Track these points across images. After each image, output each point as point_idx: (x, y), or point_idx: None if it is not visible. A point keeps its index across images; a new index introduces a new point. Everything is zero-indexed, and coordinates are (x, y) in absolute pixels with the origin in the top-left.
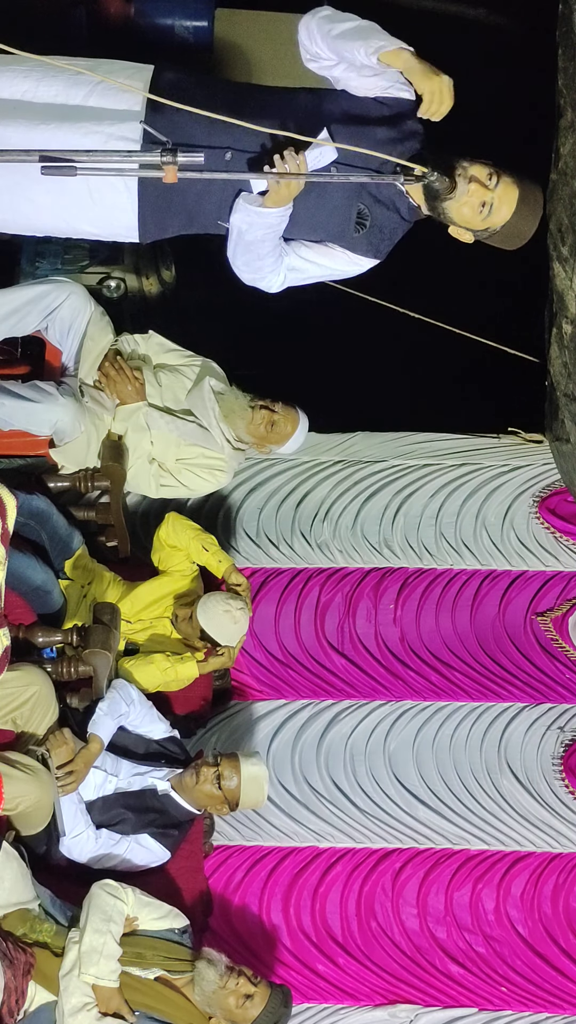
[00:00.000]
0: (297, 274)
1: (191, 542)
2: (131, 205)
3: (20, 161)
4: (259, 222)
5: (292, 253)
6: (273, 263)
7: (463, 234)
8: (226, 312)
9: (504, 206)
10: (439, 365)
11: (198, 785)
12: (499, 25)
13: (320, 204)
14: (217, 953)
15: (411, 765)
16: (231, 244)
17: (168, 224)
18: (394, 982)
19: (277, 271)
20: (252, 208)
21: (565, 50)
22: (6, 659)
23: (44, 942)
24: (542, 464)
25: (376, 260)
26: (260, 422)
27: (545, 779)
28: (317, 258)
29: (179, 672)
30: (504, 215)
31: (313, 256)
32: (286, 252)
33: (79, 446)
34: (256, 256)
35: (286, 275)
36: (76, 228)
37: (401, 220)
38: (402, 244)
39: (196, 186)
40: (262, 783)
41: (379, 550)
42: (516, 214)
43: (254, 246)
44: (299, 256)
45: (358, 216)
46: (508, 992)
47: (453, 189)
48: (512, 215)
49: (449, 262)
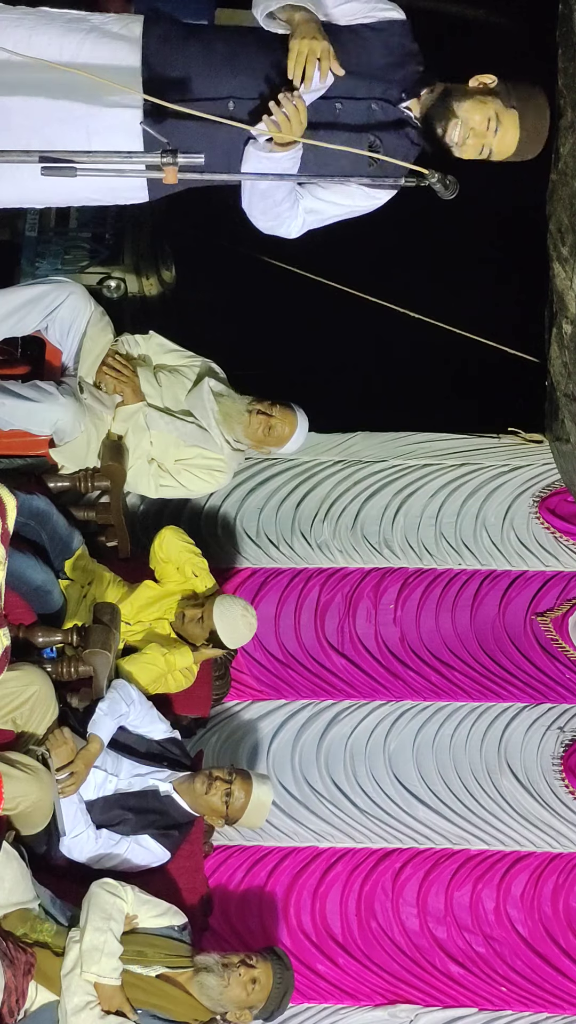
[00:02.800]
0: (315, 216)
1: (183, 565)
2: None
3: (20, 161)
4: (271, 167)
5: (308, 195)
6: (290, 208)
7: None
8: (226, 312)
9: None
10: (439, 365)
11: (207, 795)
12: (499, 25)
13: (331, 140)
14: (208, 956)
15: (411, 765)
16: (246, 195)
17: None
18: (394, 982)
19: (295, 215)
20: (262, 154)
21: (565, 50)
22: (6, 659)
23: (44, 942)
24: (542, 464)
25: (392, 191)
26: (257, 426)
27: (545, 779)
28: (334, 197)
29: (174, 661)
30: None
31: (330, 196)
32: (301, 195)
33: (79, 446)
34: (272, 203)
35: (304, 218)
36: (80, 195)
37: (412, 145)
38: (403, 244)
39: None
40: (266, 810)
41: (379, 550)
42: (523, 127)
43: (269, 192)
44: (315, 197)
45: (370, 148)
46: (508, 992)
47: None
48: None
49: (449, 262)
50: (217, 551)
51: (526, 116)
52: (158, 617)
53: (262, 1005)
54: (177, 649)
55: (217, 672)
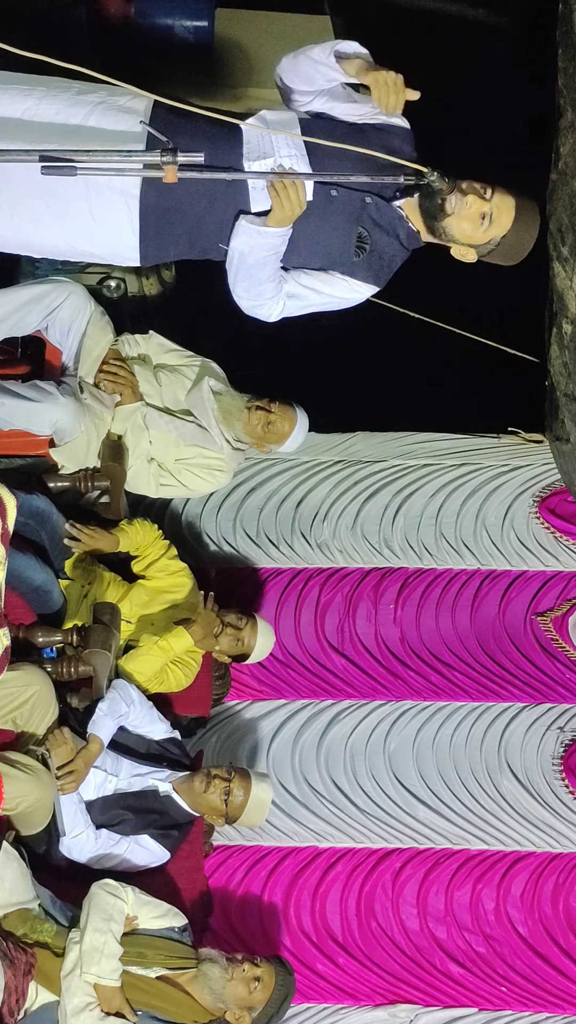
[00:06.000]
0: (296, 301)
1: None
2: (132, 226)
3: (20, 161)
4: (261, 243)
5: (292, 280)
6: (273, 289)
7: (466, 253)
8: (226, 312)
9: (503, 215)
10: (439, 365)
11: (205, 793)
12: (499, 25)
13: (320, 226)
14: (213, 950)
15: (411, 765)
16: (231, 270)
17: (169, 246)
18: (394, 982)
19: (276, 298)
20: (253, 228)
21: (565, 50)
22: (6, 659)
23: (44, 942)
24: (542, 464)
25: (375, 287)
26: (257, 423)
27: (545, 779)
28: (317, 285)
29: (169, 645)
30: (505, 224)
31: (312, 283)
32: (285, 279)
33: (79, 446)
34: (256, 281)
35: (285, 303)
36: (77, 249)
37: (400, 247)
38: None
39: (197, 207)
40: (266, 808)
41: (379, 550)
42: (516, 223)
43: (255, 270)
44: (298, 283)
45: (358, 239)
46: (508, 992)
47: (453, 190)
48: (512, 224)
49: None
50: (217, 551)
51: (520, 215)
52: (159, 611)
53: (262, 1007)
54: (171, 633)
55: (217, 672)
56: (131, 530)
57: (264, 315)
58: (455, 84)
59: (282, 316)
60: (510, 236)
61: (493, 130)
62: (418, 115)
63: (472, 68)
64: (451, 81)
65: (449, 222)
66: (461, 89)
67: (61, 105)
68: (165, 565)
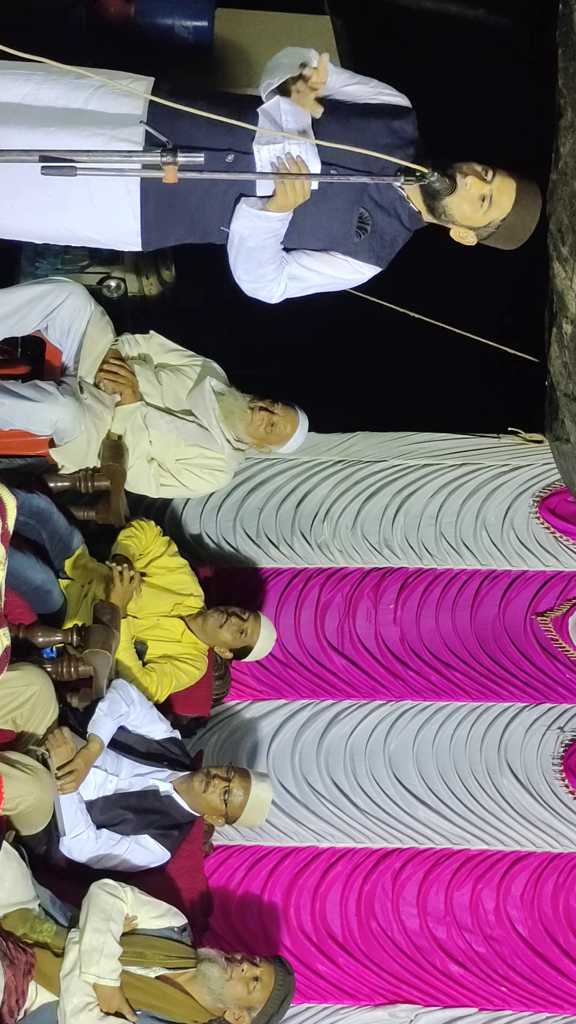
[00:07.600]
0: (298, 283)
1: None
2: (133, 211)
3: (20, 161)
4: (261, 227)
5: (293, 262)
6: (274, 271)
7: (466, 236)
8: (226, 312)
9: (504, 198)
10: (439, 365)
11: (205, 793)
12: (499, 25)
13: (321, 208)
14: (212, 950)
15: (411, 765)
16: (232, 252)
17: (170, 231)
18: (394, 982)
19: (278, 280)
20: (254, 212)
21: (565, 50)
22: (6, 659)
23: (44, 942)
24: (542, 464)
25: (377, 268)
26: (259, 423)
27: (545, 779)
28: (318, 266)
29: (189, 672)
30: (505, 207)
31: (314, 264)
32: (287, 261)
33: (79, 446)
34: (257, 263)
35: (287, 284)
36: (77, 235)
37: (402, 227)
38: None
39: (198, 191)
40: (265, 808)
41: (379, 550)
42: (516, 206)
43: (255, 252)
44: (300, 264)
45: (359, 220)
46: (508, 992)
47: (453, 189)
48: (512, 207)
49: (449, 261)
50: (217, 551)
51: (521, 197)
52: (167, 612)
53: (261, 1007)
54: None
55: (217, 672)
56: (139, 532)
57: (266, 296)
58: (455, 84)
59: (284, 297)
60: (510, 219)
61: (493, 130)
62: (418, 114)
63: (472, 68)
64: (451, 81)
65: (449, 202)
66: (461, 89)
67: (61, 89)
68: (166, 562)
